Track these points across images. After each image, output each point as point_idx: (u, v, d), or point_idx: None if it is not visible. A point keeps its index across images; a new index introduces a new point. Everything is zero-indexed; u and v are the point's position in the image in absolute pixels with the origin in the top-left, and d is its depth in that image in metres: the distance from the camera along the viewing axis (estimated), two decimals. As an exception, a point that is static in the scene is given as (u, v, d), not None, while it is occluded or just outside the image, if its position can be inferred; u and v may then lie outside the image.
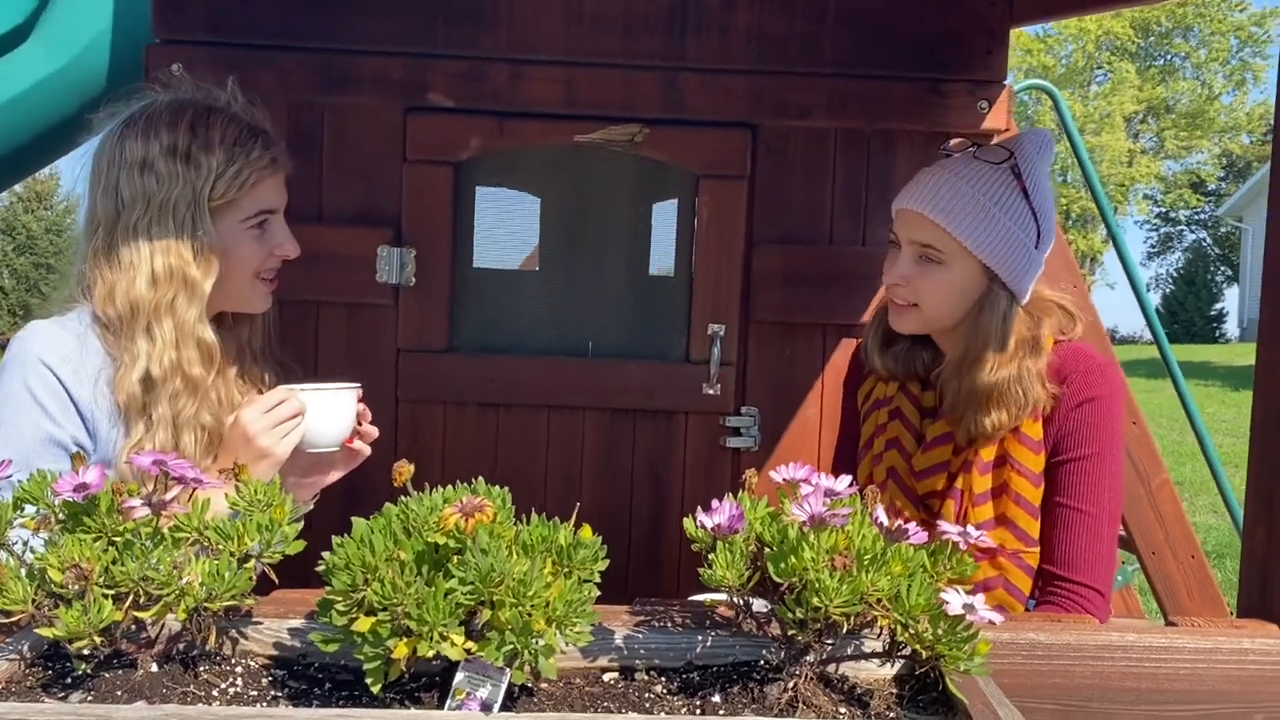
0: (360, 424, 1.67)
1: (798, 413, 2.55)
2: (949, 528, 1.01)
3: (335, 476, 1.70)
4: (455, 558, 0.91)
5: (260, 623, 1.12)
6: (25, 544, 1.00)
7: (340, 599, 0.91)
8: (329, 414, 1.58)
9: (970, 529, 1.01)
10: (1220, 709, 1.16)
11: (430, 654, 0.91)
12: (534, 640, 0.89)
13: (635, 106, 2.44)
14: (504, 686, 0.94)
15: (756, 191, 2.50)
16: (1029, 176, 1.67)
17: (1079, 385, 1.66)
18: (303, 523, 1.72)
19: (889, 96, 2.46)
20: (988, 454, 1.67)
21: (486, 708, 0.94)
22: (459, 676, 0.94)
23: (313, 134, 2.46)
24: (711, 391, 2.49)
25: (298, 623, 1.12)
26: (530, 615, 0.89)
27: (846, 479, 1.03)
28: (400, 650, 0.88)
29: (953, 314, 1.70)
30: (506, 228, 2.61)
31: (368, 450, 1.71)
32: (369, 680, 0.93)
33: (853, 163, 2.52)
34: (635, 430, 2.54)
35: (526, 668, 0.91)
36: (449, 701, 0.95)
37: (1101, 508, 1.65)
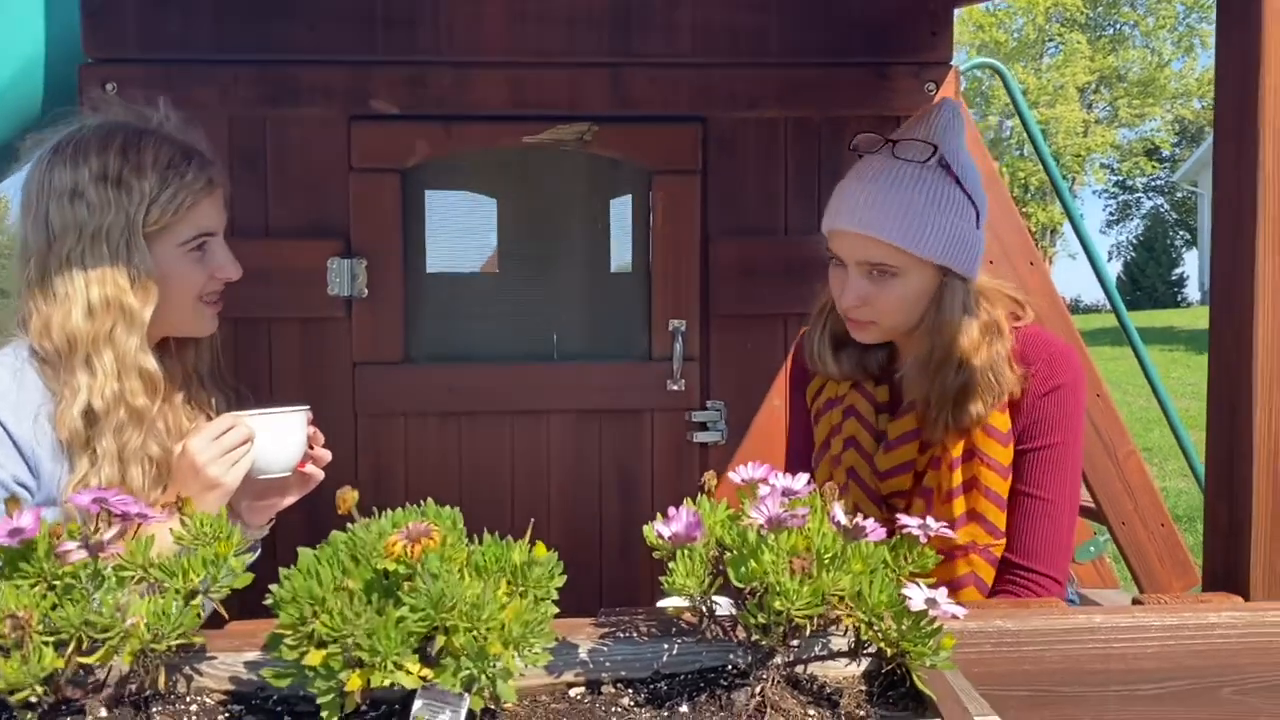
0: (312, 447, 1.63)
1: (763, 404, 2.54)
2: (909, 521, 1.00)
3: (289, 501, 1.66)
4: (406, 584, 0.89)
5: (215, 658, 1.09)
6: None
7: (289, 633, 0.88)
8: (278, 439, 1.55)
9: (930, 521, 1.00)
10: (1189, 684, 1.15)
11: (386, 683, 0.89)
12: (491, 664, 0.87)
13: (583, 104, 2.42)
14: (463, 712, 0.92)
15: (710, 185, 2.49)
16: (955, 161, 1.62)
17: (1044, 373, 1.64)
18: (257, 552, 1.70)
19: (836, 84, 2.45)
20: (956, 449, 1.64)
21: (447, 734, 0.92)
22: (417, 705, 0.92)
23: (255, 148, 2.42)
24: (676, 388, 2.47)
25: (253, 655, 1.09)
26: (485, 639, 0.87)
27: (804, 477, 1.02)
28: (354, 682, 0.86)
29: (911, 319, 1.65)
30: (462, 232, 2.58)
31: (320, 474, 1.67)
32: (325, 715, 0.90)
33: (804, 152, 2.51)
34: (601, 431, 2.52)
35: (485, 693, 0.89)
36: (409, 731, 0.92)
37: (1063, 496, 1.64)
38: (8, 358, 1.51)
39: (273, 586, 0.93)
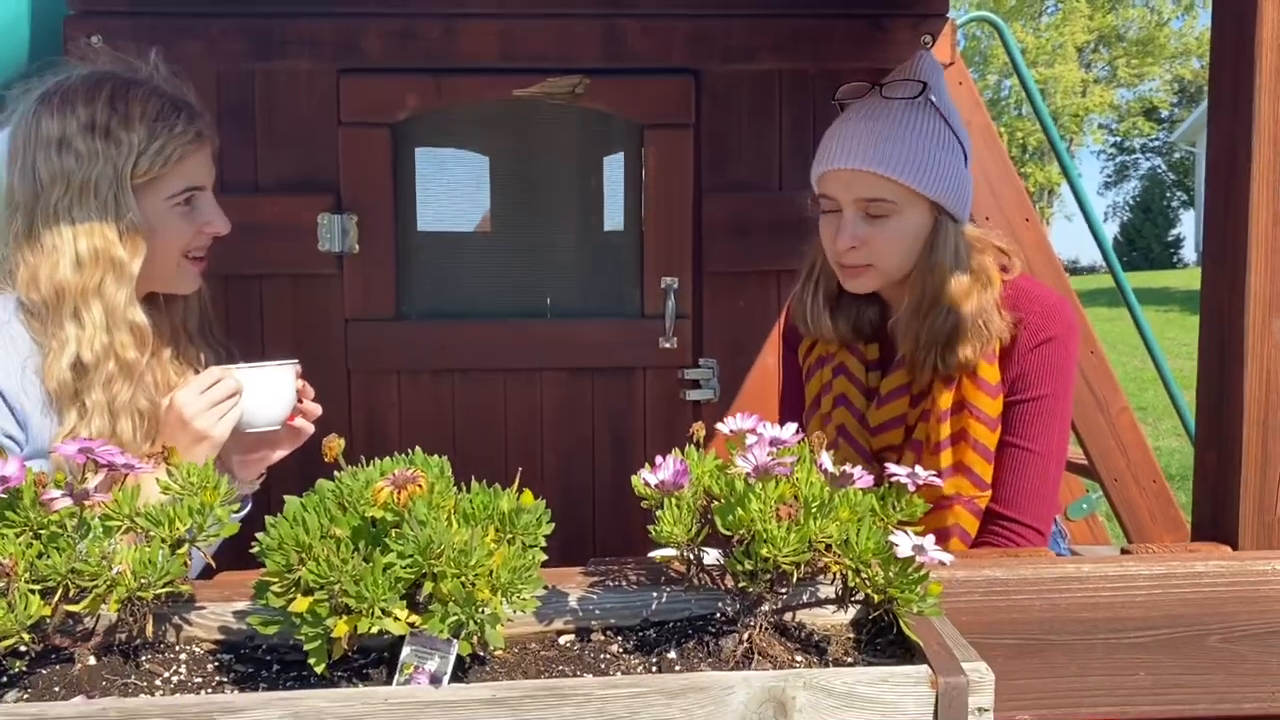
0: (301, 401, 1.63)
1: (756, 361, 2.54)
2: (898, 470, 1.00)
3: (279, 455, 1.66)
4: (394, 531, 0.89)
5: (204, 607, 1.09)
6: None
7: (276, 580, 0.88)
8: (267, 392, 1.54)
9: (919, 469, 1.00)
10: (1177, 633, 1.16)
11: (373, 630, 0.89)
12: (479, 610, 0.87)
13: (575, 57, 2.39)
14: (452, 658, 0.92)
15: (703, 139, 2.47)
16: (939, 99, 1.63)
17: (1036, 325, 1.63)
18: (248, 506, 1.69)
19: (832, 36, 2.42)
20: (945, 402, 1.64)
21: (435, 680, 0.92)
22: (405, 651, 0.92)
23: (244, 102, 2.39)
24: (668, 345, 2.47)
25: (242, 605, 1.09)
26: (474, 585, 0.87)
27: (792, 427, 1.01)
28: (340, 629, 0.86)
29: (907, 262, 1.64)
30: (454, 189, 2.56)
31: (310, 428, 1.67)
32: (311, 661, 0.91)
33: (799, 106, 2.49)
34: (594, 389, 2.52)
35: (474, 639, 0.89)
36: (397, 676, 0.93)
37: (1050, 449, 1.63)
38: (3, 309, 1.50)
39: (259, 534, 0.93)
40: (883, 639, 1.06)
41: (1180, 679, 1.17)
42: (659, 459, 0.97)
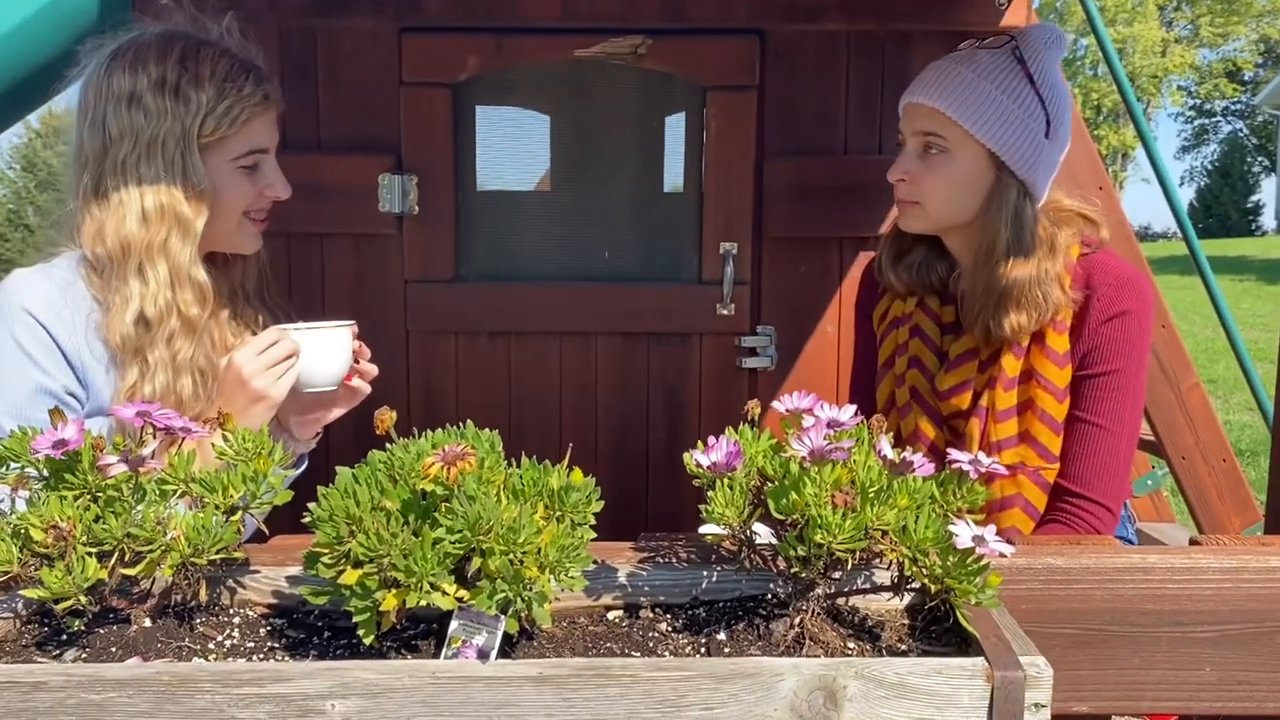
0: (358, 361, 1.63)
1: (815, 330, 2.50)
2: (959, 456, 0.97)
3: (335, 414, 1.67)
4: (443, 506, 0.88)
5: (258, 571, 1.10)
6: (10, 501, 0.98)
7: (326, 551, 0.88)
8: (324, 353, 1.55)
9: (981, 456, 0.97)
10: (1247, 629, 1.12)
11: (422, 604, 0.89)
12: (526, 588, 0.86)
13: (636, 17, 2.35)
14: (500, 634, 0.92)
15: (766, 102, 2.42)
16: (1034, 63, 1.61)
17: (1109, 298, 1.61)
18: (303, 466, 1.71)
19: (902, -6, 2.35)
20: (1012, 369, 1.63)
21: (483, 655, 0.92)
22: (454, 625, 0.92)
23: (306, 60, 2.39)
24: (725, 312, 2.44)
25: (296, 570, 1.09)
26: (522, 562, 0.86)
27: (851, 409, 0.99)
28: (389, 602, 0.86)
29: (959, 209, 1.63)
30: (514, 149, 2.54)
31: (367, 389, 1.68)
32: (360, 632, 0.91)
33: (867, 67, 2.43)
34: (649, 354, 2.50)
35: (520, 615, 0.88)
36: (445, 650, 0.93)
37: (1122, 425, 1.60)
38: (57, 270, 1.52)
39: (311, 505, 0.93)
40: (938, 626, 1.04)
41: (1248, 676, 1.13)
42: (711, 439, 0.95)
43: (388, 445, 0.95)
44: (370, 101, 2.40)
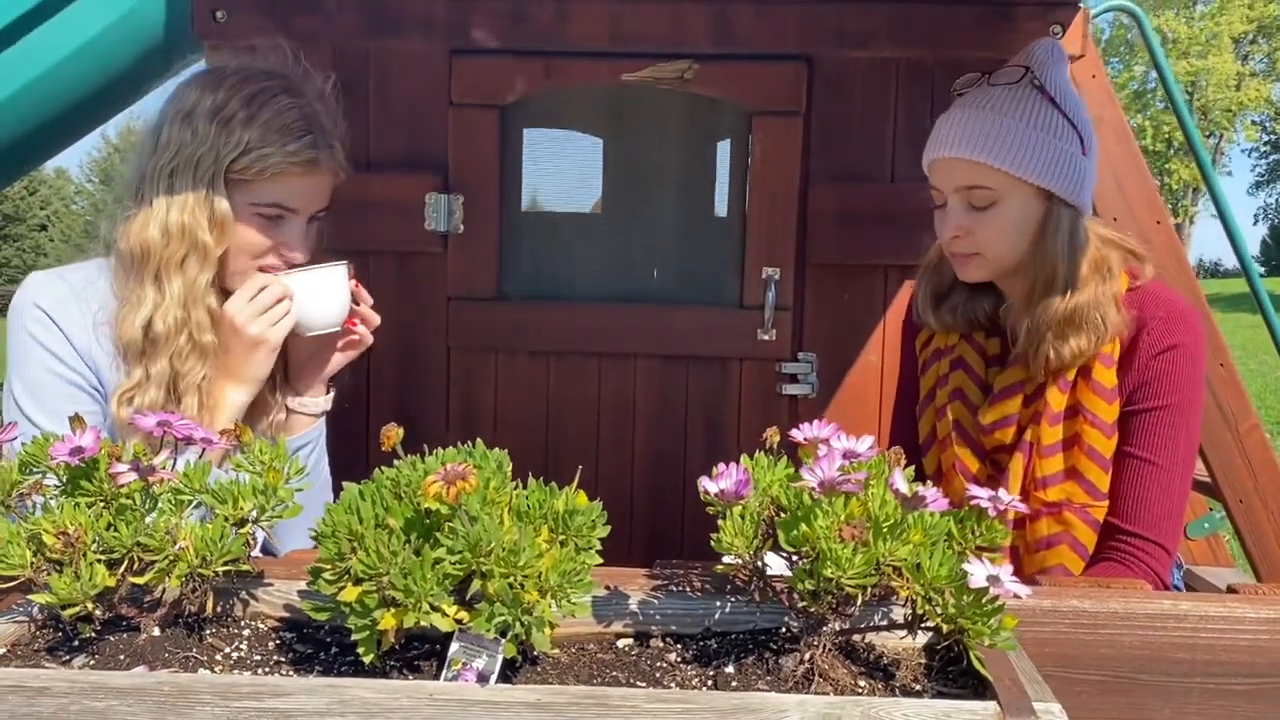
0: (358, 304, 1.64)
1: (858, 359, 2.46)
2: (979, 492, 0.94)
3: (340, 362, 1.68)
4: (446, 526, 0.87)
5: (271, 584, 1.10)
6: (39, 505, 1.00)
7: (328, 567, 0.88)
8: (318, 294, 1.55)
9: (1002, 493, 0.94)
10: (1283, 683, 1.07)
11: (422, 624, 0.88)
12: (526, 612, 0.85)
13: (684, 41, 2.35)
14: (500, 658, 0.91)
15: (813, 127, 2.40)
16: (1051, 85, 1.58)
17: (1160, 332, 1.57)
18: (321, 430, 1.71)
19: (953, 22, 2.32)
20: (1058, 404, 1.59)
21: (483, 679, 0.91)
22: (454, 647, 0.91)
23: (358, 79, 2.42)
24: (766, 337, 2.41)
25: (306, 584, 1.10)
26: (522, 586, 0.85)
27: (869, 440, 0.97)
28: (387, 621, 0.85)
29: (1017, 250, 1.60)
30: (559, 172, 2.55)
31: (369, 337, 1.67)
32: (360, 650, 0.90)
33: (916, 95, 2.40)
34: (688, 377, 2.48)
35: (519, 640, 0.87)
36: (445, 672, 0.92)
37: (1175, 462, 1.55)
38: (74, 273, 1.56)
39: (318, 519, 0.93)
40: (955, 667, 1.00)
41: (1285, 732, 1.08)
42: (721, 466, 0.94)
43: (395, 462, 0.95)
44: (419, 121, 2.42)
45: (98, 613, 0.94)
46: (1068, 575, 1.58)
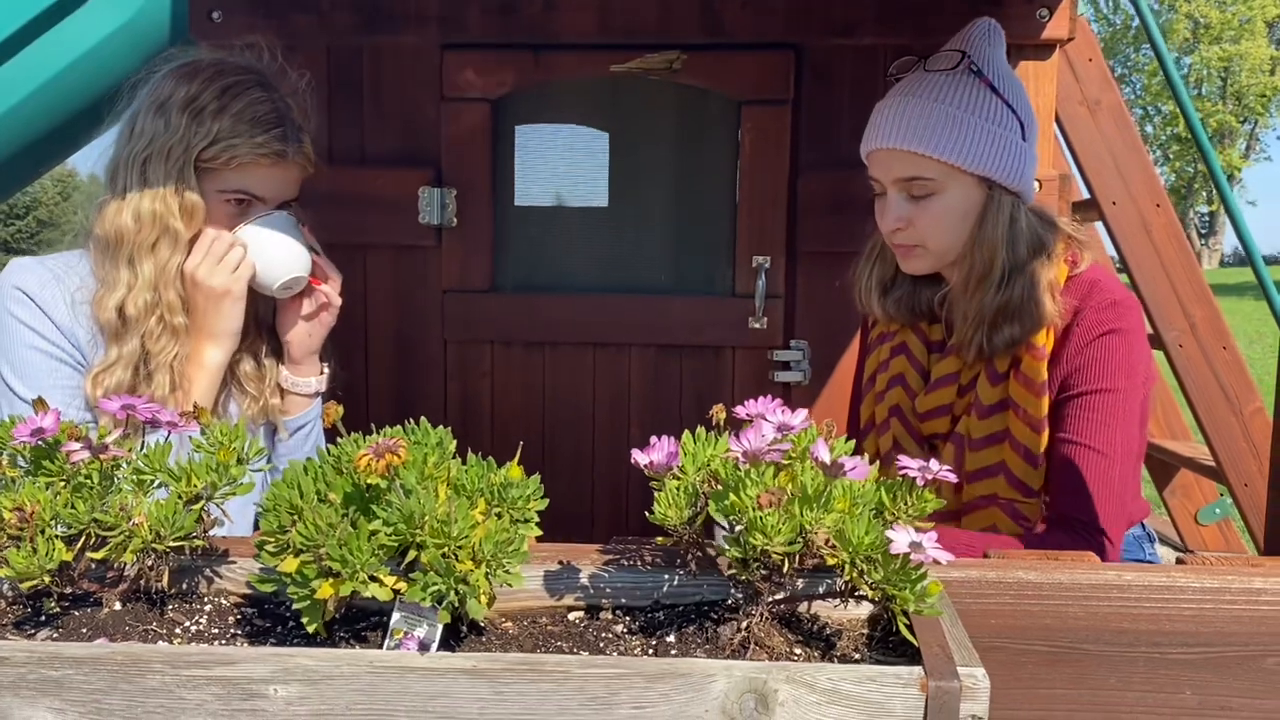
0: (319, 253, 1.66)
1: (849, 345, 2.47)
2: (909, 463, 0.96)
3: (317, 331, 1.70)
4: (383, 499, 0.90)
5: (234, 562, 1.14)
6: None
7: (271, 540, 0.91)
8: (270, 240, 1.58)
9: (932, 463, 0.95)
10: (1228, 652, 1.08)
11: (366, 593, 0.91)
12: (460, 580, 0.88)
13: (672, 32, 2.37)
14: (439, 627, 0.93)
15: (802, 116, 2.41)
16: (990, 71, 1.54)
17: (1095, 319, 1.52)
18: (315, 412, 1.74)
19: (940, 9, 2.32)
20: (988, 397, 1.56)
21: (424, 647, 0.94)
22: (395, 617, 0.94)
23: (352, 76, 2.46)
24: (758, 325, 2.43)
25: (271, 562, 1.13)
26: (455, 556, 0.88)
27: (803, 413, 0.98)
28: (325, 590, 0.88)
29: (959, 240, 1.57)
30: (550, 164, 2.58)
31: (337, 299, 1.70)
32: (304, 620, 0.93)
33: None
34: (682, 366, 2.50)
35: (453, 609, 0.90)
36: (387, 641, 0.95)
37: (1114, 447, 1.49)
38: (54, 259, 1.60)
39: (264, 494, 0.96)
40: (897, 636, 1.02)
41: (1231, 701, 1.08)
42: (654, 439, 0.96)
43: (338, 439, 0.97)
44: (412, 116, 2.46)
45: (56, 587, 0.98)
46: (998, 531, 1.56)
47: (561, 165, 2.55)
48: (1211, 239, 44.37)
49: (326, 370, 1.77)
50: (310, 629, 0.93)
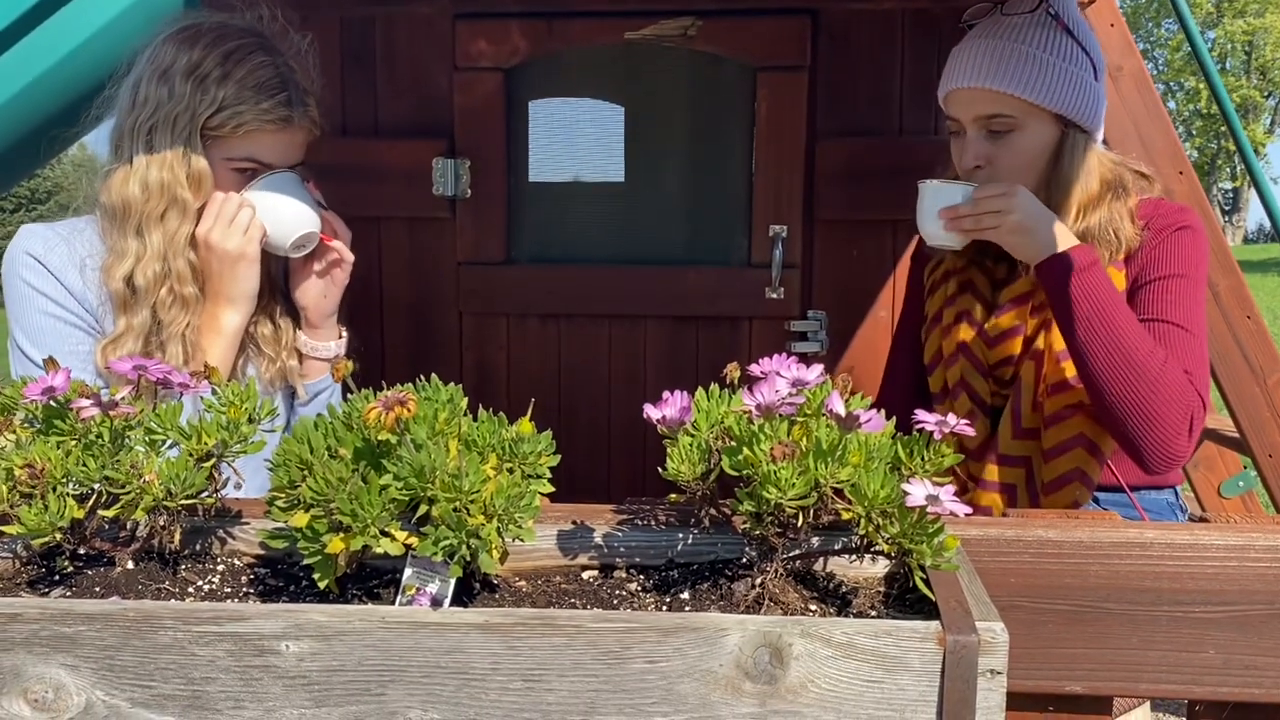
0: (325, 209, 1.65)
1: (868, 315, 2.45)
2: (926, 417, 0.94)
3: (331, 290, 1.69)
4: (394, 454, 0.89)
5: (248, 523, 1.13)
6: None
7: (281, 495, 0.91)
8: (279, 200, 1.57)
9: (950, 418, 0.94)
10: (1251, 610, 1.06)
11: (378, 548, 0.90)
12: (472, 535, 0.87)
13: (687, -2, 2.34)
14: (451, 582, 0.93)
15: (818, 82, 2.38)
16: (1064, 12, 1.60)
17: (1167, 219, 1.60)
18: (331, 390, 1.74)
19: (958, -28, 2.28)
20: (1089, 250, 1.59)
21: (436, 603, 0.93)
22: (407, 573, 0.94)
23: (365, 47, 2.45)
24: (775, 296, 2.41)
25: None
26: (468, 511, 0.87)
27: (818, 368, 0.97)
28: (335, 545, 0.87)
29: (1037, 175, 1.62)
30: (565, 134, 2.56)
31: (348, 253, 1.68)
32: (316, 576, 0.93)
33: (923, 46, 2.37)
34: (698, 338, 2.49)
35: (465, 563, 0.89)
36: (400, 597, 0.94)
37: (1195, 325, 1.55)
38: (63, 225, 1.60)
39: (275, 451, 0.95)
40: (913, 594, 1.01)
41: (1255, 660, 1.07)
42: (666, 394, 0.95)
43: (348, 396, 0.97)
44: (425, 86, 2.44)
45: (68, 545, 0.98)
46: (1084, 478, 1.61)
47: (577, 140, 2.53)
48: (1235, 215, 43.87)
49: (345, 335, 1.77)
50: (322, 585, 0.93)
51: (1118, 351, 1.48)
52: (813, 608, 0.97)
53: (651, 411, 0.94)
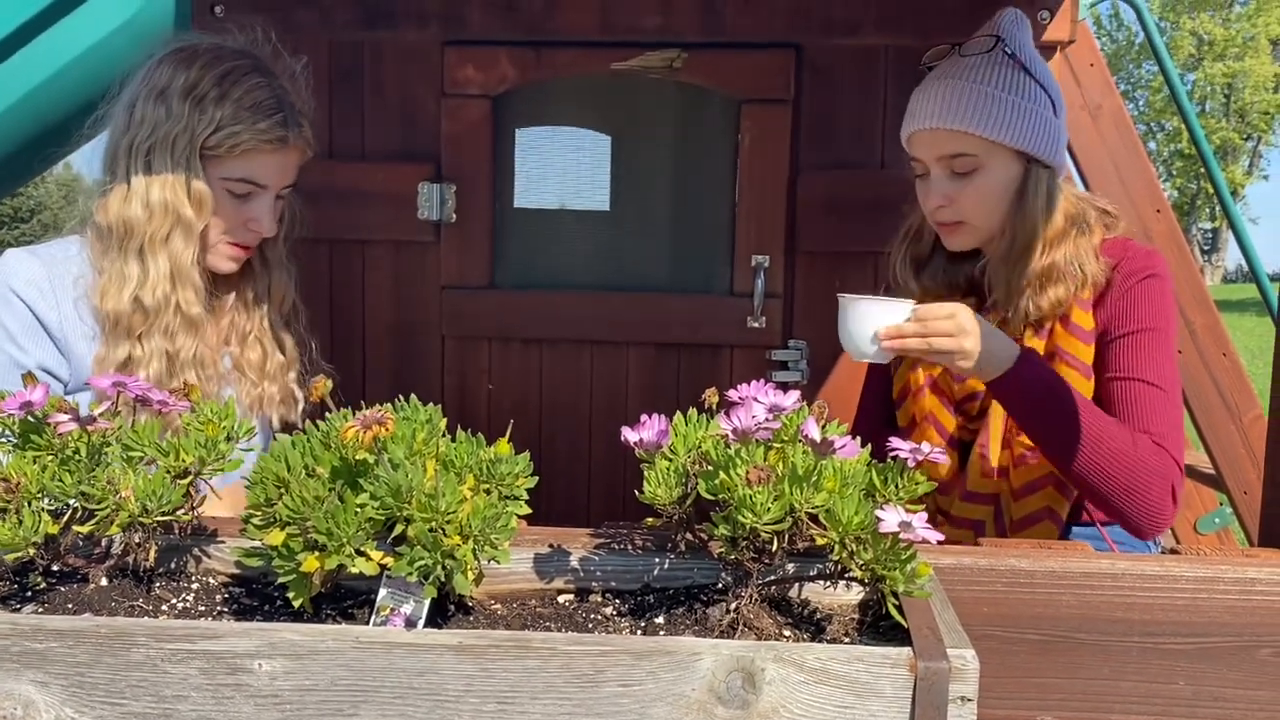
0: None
1: (848, 345, 2.46)
2: (899, 444, 0.95)
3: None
4: (371, 473, 0.90)
5: (223, 542, 1.13)
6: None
7: (257, 513, 0.91)
8: None
9: (924, 446, 0.95)
10: (1222, 641, 1.07)
11: (353, 569, 0.90)
12: (447, 555, 0.87)
13: (673, 30, 2.37)
14: (426, 604, 0.93)
15: (802, 115, 2.41)
16: (1022, 53, 1.63)
17: (1135, 264, 1.62)
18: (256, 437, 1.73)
19: (941, 9, 2.33)
20: (1038, 348, 1.62)
21: (411, 624, 0.93)
22: (382, 593, 0.94)
23: (354, 72, 2.47)
24: (756, 325, 2.43)
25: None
26: (444, 531, 0.87)
27: (795, 395, 0.98)
28: (310, 564, 0.87)
29: (1001, 213, 1.64)
30: (550, 161, 2.58)
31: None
32: (290, 595, 0.93)
33: (904, 82, 2.39)
34: (680, 365, 2.50)
35: (441, 585, 0.89)
36: (374, 617, 0.94)
37: (1168, 383, 1.55)
38: (49, 248, 1.59)
39: (250, 469, 0.95)
40: (887, 621, 1.02)
41: (1225, 692, 1.08)
42: (644, 417, 0.95)
43: (327, 415, 0.97)
44: (413, 112, 2.46)
45: (42, 561, 0.97)
46: (1053, 516, 1.62)
47: (562, 169, 2.54)
48: (1215, 255, 44.35)
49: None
50: (296, 604, 0.93)
51: (1089, 445, 1.48)
52: (787, 633, 0.97)
53: (629, 434, 0.95)
